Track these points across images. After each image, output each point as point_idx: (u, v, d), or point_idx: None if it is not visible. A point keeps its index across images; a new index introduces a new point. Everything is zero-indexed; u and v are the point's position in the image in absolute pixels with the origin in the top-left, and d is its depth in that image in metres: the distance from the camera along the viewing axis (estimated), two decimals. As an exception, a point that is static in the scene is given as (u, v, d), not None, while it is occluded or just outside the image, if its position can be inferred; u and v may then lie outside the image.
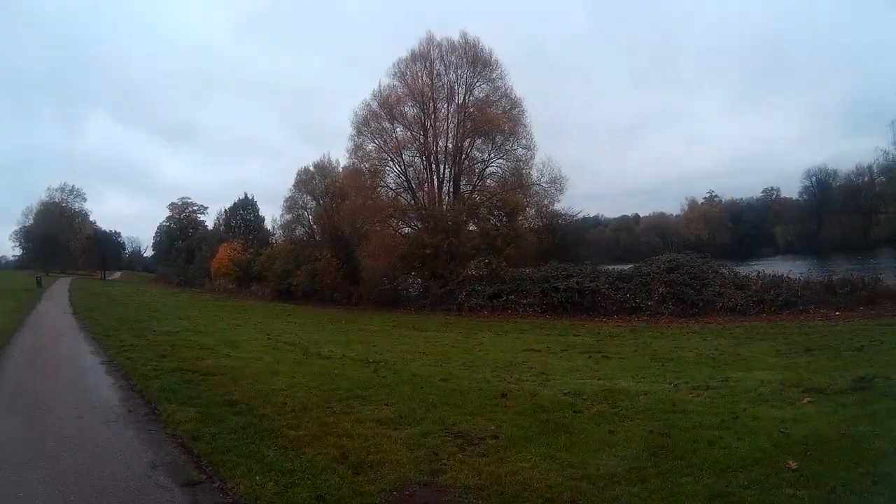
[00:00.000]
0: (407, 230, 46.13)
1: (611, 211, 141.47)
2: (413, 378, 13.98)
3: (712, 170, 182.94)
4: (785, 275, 30.96)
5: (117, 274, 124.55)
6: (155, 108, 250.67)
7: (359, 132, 46.44)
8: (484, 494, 6.78)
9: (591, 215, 55.75)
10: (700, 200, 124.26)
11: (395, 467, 7.67)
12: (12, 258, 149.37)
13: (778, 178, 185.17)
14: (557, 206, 46.55)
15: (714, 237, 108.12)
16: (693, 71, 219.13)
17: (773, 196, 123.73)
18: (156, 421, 10.56)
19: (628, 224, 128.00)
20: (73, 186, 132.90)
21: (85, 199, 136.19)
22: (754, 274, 31.99)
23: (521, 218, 43.46)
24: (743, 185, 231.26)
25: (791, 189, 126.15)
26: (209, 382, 13.38)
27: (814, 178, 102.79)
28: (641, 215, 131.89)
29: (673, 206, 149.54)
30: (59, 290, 64.52)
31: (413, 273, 44.47)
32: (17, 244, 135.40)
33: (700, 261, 32.71)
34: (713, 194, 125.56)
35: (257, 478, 7.32)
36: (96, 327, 26.33)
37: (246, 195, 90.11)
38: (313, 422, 9.90)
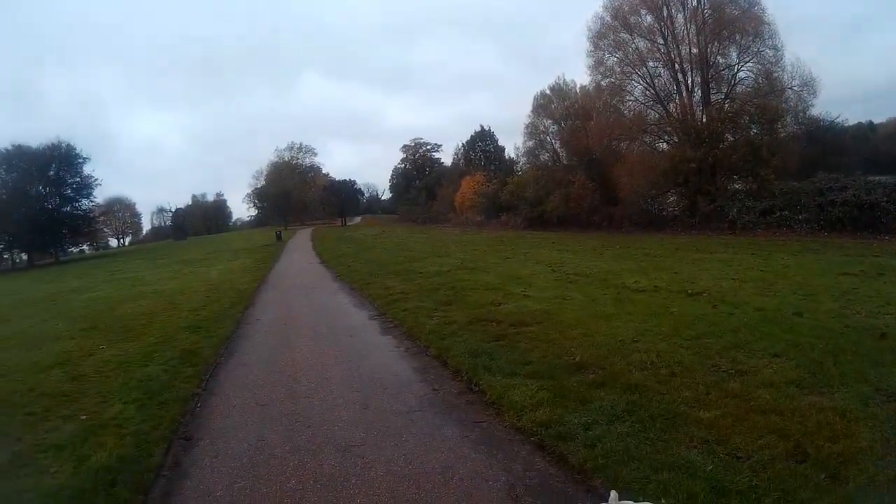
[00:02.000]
0: (662, 146, 43.63)
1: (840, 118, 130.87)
2: (763, 314, 11.41)
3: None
4: None
5: (357, 219, 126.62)
6: (366, 57, 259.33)
7: (596, 46, 44.47)
8: None
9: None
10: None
11: (872, 460, 5.33)
12: (248, 218, 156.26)
13: None
14: (812, 112, 42.44)
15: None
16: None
17: None
18: (480, 405, 7.92)
19: (864, 132, 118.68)
20: (300, 144, 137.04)
21: (315, 154, 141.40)
22: None
23: (778, 126, 39.44)
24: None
25: None
26: (528, 337, 10.67)
27: None
28: (875, 122, 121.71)
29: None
30: (301, 240, 64.31)
31: (671, 191, 42.06)
32: (252, 205, 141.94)
33: None
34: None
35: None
36: (352, 275, 24.49)
37: (482, 127, 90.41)
38: (713, 391, 7.21)
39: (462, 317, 13.03)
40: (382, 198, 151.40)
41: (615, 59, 44.02)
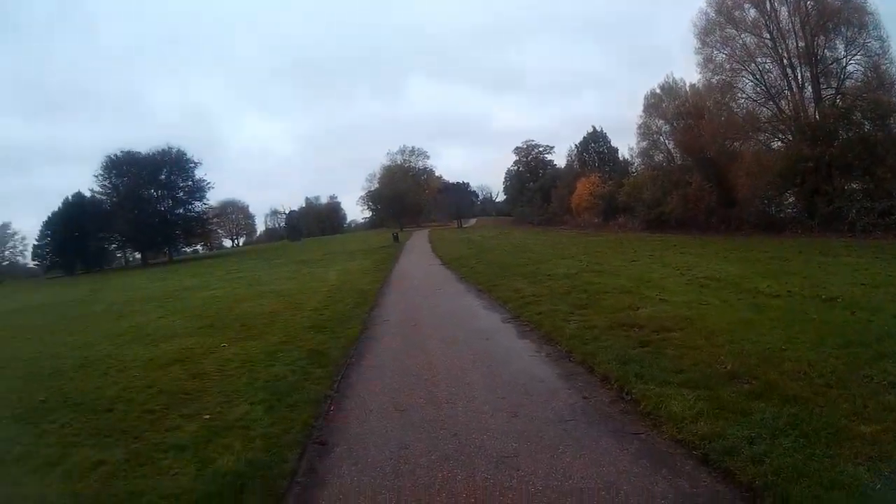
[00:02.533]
0: (776, 144, 42.64)
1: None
2: (900, 322, 10.77)
3: None
4: None
5: (472, 221, 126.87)
6: (470, 60, 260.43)
7: (703, 43, 44.19)
8: None
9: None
10: None
11: None
12: (362, 220, 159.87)
13: None
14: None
15: None
16: None
17: None
18: (635, 415, 7.54)
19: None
20: (412, 147, 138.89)
21: (428, 157, 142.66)
22: None
23: (891, 121, 37.48)
24: None
25: None
26: (674, 343, 10.28)
27: None
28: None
29: None
30: (419, 242, 64.23)
31: (789, 192, 40.78)
32: (366, 207, 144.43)
33: None
34: None
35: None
36: (476, 277, 24.25)
37: (594, 128, 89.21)
38: (870, 404, 6.85)
39: (601, 321, 12.69)
40: (496, 200, 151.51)
41: (723, 55, 43.54)
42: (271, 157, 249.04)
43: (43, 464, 7.75)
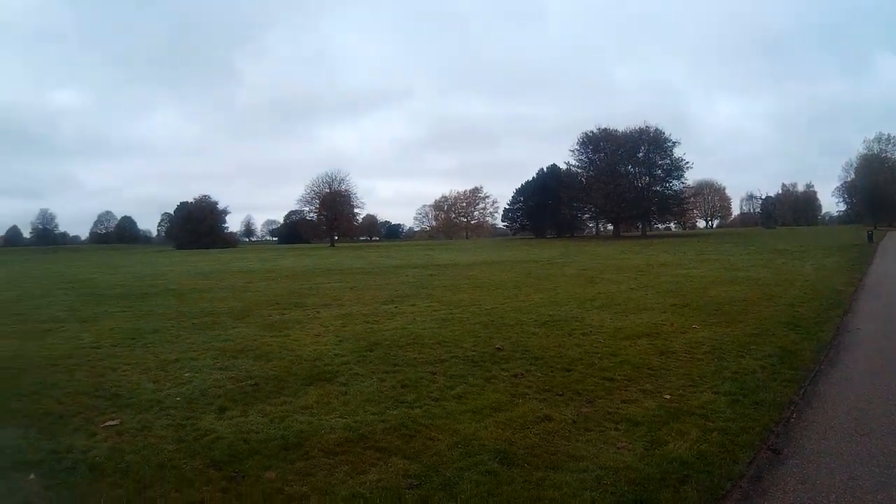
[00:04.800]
0: None
1: None
2: None
3: None
4: None
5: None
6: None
7: None
8: None
9: None
10: None
11: None
12: (836, 214, 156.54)
13: None
14: None
15: None
16: None
17: None
18: None
19: None
20: (887, 135, 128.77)
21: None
22: None
23: None
24: None
25: None
26: None
27: None
28: None
29: None
30: (893, 244, 58.71)
31: None
32: (840, 199, 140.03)
33: None
34: None
35: None
36: None
37: None
38: None
39: None
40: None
41: None
42: (745, 138, 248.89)
43: (485, 406, 8.22)
